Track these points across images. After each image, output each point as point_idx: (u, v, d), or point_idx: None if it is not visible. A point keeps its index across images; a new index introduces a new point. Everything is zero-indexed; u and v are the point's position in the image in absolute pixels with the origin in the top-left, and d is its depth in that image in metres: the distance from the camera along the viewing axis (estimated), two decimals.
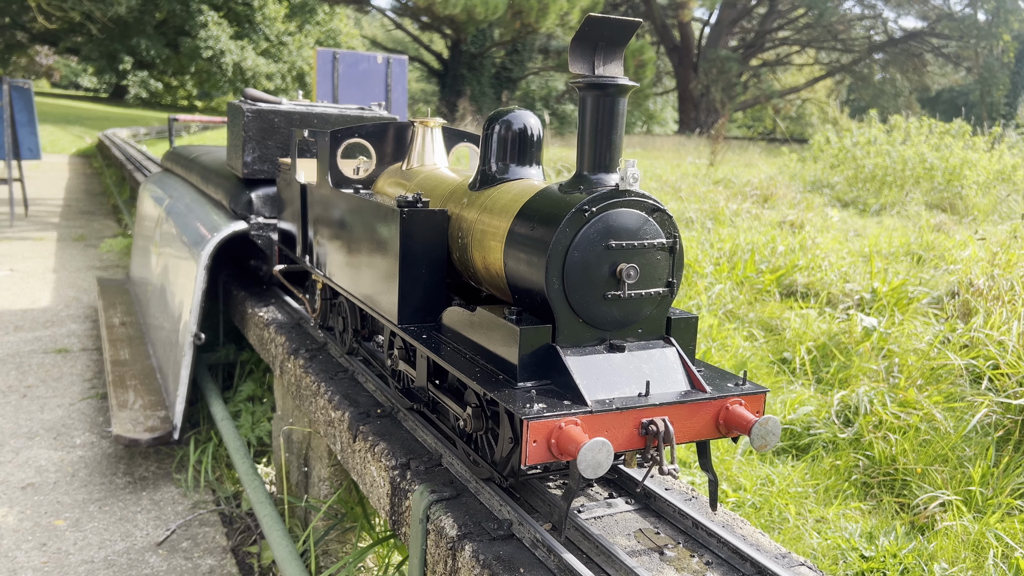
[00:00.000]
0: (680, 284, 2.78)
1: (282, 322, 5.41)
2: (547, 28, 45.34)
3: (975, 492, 5.27)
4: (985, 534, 4.84)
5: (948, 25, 52.54)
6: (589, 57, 2.71)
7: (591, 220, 2.59)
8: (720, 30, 54.26)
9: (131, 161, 18.86)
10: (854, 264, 10.79)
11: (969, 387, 6.34)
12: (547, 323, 2.65)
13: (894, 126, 24.73)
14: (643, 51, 44.94)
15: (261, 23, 60.02)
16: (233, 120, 5.86)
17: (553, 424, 2.38)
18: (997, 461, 5.48)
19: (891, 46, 55.07)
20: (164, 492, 5.72)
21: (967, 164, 21.57)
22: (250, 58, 57.38)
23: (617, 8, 57.11)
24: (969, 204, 19.51)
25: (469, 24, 45.34)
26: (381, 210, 3.34)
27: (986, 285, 8.10)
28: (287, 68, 60.31)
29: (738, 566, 2.62)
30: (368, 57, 17.48)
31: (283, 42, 61.01)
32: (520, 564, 2.59)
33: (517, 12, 43.82)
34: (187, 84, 63.05)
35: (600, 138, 2.69)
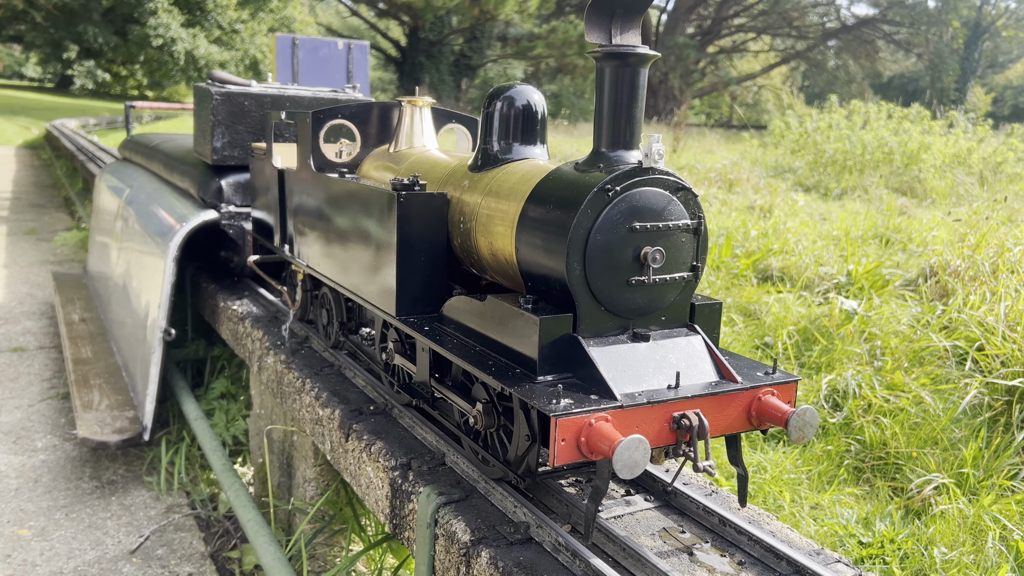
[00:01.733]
0: (704, 268, 2.62)
1: (258, 316, 5.16)
2: (506, 15, 44.99)
3: (968, 474, 5.22)
4: (982, 517, 4.79)
5: (899, 12, 53.35)
6: (606, 26, 2.52)
7: (614, 200, 2.41)
8: (677, 17, 54.44)
9: (83, 152, 18.22)
10: (826, 248, 10.79)
11: (955, 368, 6.32)
12: (567, 312, 2.47)
13: (853, 111, 24.96)
14: None
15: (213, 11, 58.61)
16: (201, 104, 5.57)
17: (583, 421, 2.21)
18: (988, 442, 5.45)
19: (844, 33, 55.75)
20: (135, 496, 5.44)
21: (924, 148, 21.87)
22: (202, 46, 56.00)
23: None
24: (927, 187, 19.76)
25: (427, 11, 44.81)
26: (375, 194, 3.12)
27: (963, 266, 8.11)
28: (240, 56, 59.02)
29: (773, 565, 2.47)
30: (329, 43, 17.07)
31: (236, 30, 59.67)
32: (543, 570, 2.42)
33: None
34: (137, 73, 61.37)
35: (619, 112, 2.52)
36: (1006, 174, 21.02)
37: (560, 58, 45.84)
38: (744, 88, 57.74)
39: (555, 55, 46.35)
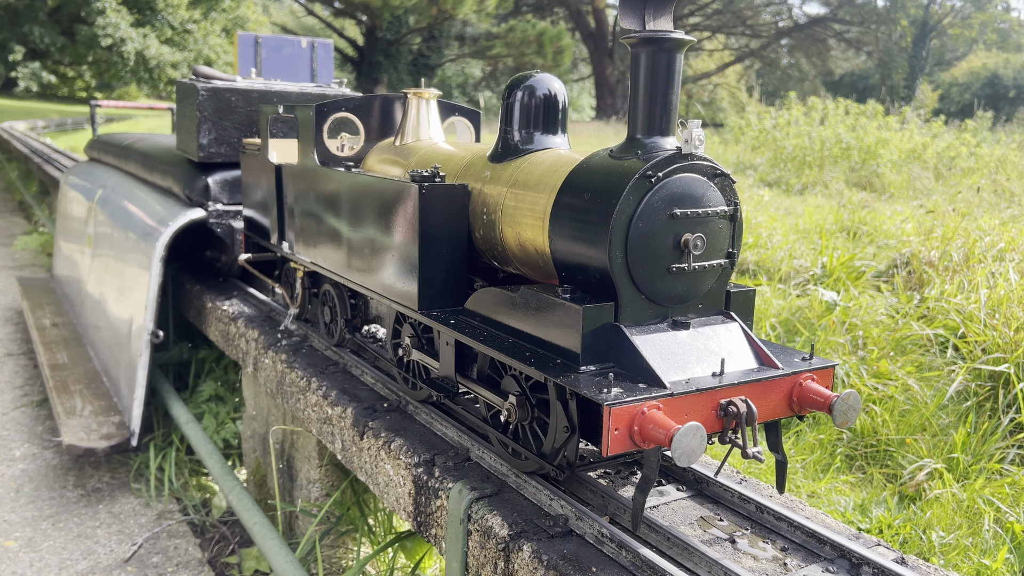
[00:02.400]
0: (739, 255, 2.61)
1: (251, 315, 5.04)
2: (464, 14, 44.88)
3: (959, 459, 5.32)
4: (975, 500, 4.88)
5: (849, 11, 54.42)
6: (639, 12, 2.50)
7: (655, 187, 2.39)
8: None
9: (37, 154, 17.71)
10: (797, 241, 10.93)
11: (938, 356, 6.44)
12: (605, 301, 2.44)
13: (811, 108, 25.37)
14: (560, 37, 45.00)
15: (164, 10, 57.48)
16: (184, 100, 5.43)
17: (636, 410, 2.18)
18: (976, 427, 5.56)
19: (797, 31, 56.67)
20: (123, 504, 5.29)
21: (881, 144, 22.33)
22: (153, 46, 54.89)
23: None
24: (885, 182, 20.16)
25: (384, 10, 44.49)
26: (394, 187, 3.06)
27: (937, 256, 8.28)
28: (193, 57, 58.01)
29: (816, 550, 2.48)
30: (292, 41, 16.84)
31: (188, 30, 58.61)
32: (590, 562, 2.39)
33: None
34: (85, 75, 59.93)
35: (655, 98, 2.50)
36: (960, 168, 21.52)
37: (519, 57, 45.87)
38: (700, 86, 58.39)
39: (514, 54, 46.36)
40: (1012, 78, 58.50)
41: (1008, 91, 56.99)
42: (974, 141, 23.19)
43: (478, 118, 4.19)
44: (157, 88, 57.85)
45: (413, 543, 3.74)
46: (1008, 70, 59.01)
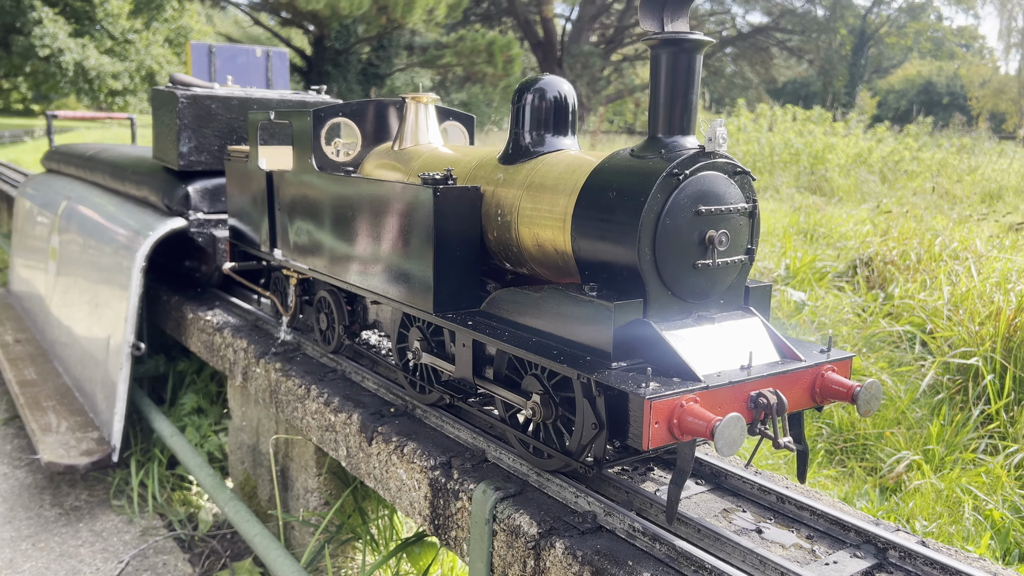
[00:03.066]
0: (757, 251, 2.67)
1: (237, 325, 4.97)
2: (414, 23, 44.75)
3: (935, 450, 5.48)
4: (954, 489, 5.03)
5: (791, 20, 55.74)
6: (658, 14, 2.56)
7: (681, 185, 2.44)
8: (581, 26, 55.35)
9: None
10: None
11: (908, 352, 6.63)
12: (630, 298, 2.48)
13: (759, 114, 25.91)
14: (511, 47, 45.17)
15: (103, 20, 56.27)
16: (162, 108, 5.34)
17: (675, 403, 2.22)
18: (950, 419, 5.74)
19: (740, 40, 57.83)
20: (104, 521, 5.15)
21: (829, 149, 22.91)
22: (93, 57, 53.68)
23: (480, 4, 57.29)
24: (834, 186, 20.68)
25: (333, 19, 44.13)
26: (408, 190, 3.06)
27: (898, 256, 8.53)
28: (135, 67, 56.86)
29: (841, 537, 2.54)
30: (247, 50, 16.64)
31: (129, 40, 57.45)
32: (625, 557, 2.42)
33: (382, 7, 42.97)
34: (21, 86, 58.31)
35: (676, 98, 2.55)
36: (904, 171, 22.17)
37: (469, 66, 45.92)
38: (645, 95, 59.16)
39: (464, 63, 46.39)
40: (945, 85, 60.55)
41: (941, 98, 58.96)
42: (916, 145, 23.94)
43: (472, 122, 4.20)
44: (97, 99, 56.59)
45: (422, 548, 3.72)
46: (941, 77, 61.06)
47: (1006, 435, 5.64)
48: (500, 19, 58.84)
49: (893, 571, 2.37)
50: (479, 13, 57.62)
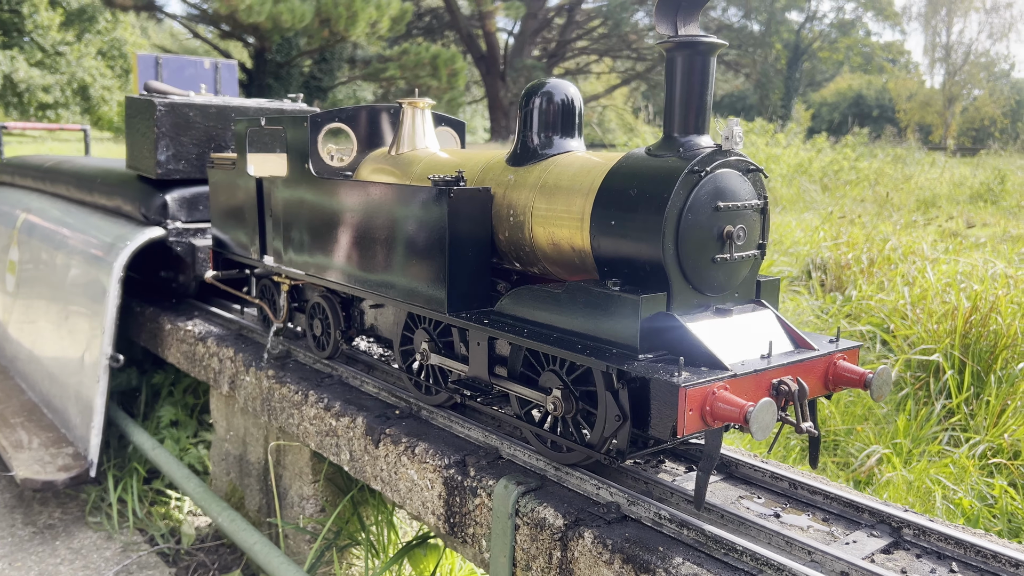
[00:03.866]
0: (767, 246, 2.78)
1: (221, 334, 4.92)
2: (357, 36, 44.56)
3: (902, 444, 5.69)
4: (924, 480, 5.24)
5: (728, 35, 57.10)
6: (672, 18, 2.65)
7: (701, 182, 2.53)
8: (523, 40, 55.82)
9: None
10: None
11: (871, 351, 6.87)
12: (659, 292, 2.56)
13: None
14: (455, 60, 45.29)
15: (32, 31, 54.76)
16: (138, 116, 5.26)
17: (707, 391, 2.30)
18: (916, 414, 5.97)
19: None
20: (82, 538, 5.03)
21: (772, 159, 23.53)
22: (22, 69, 52.18)
23: (422, 18, 57.37)
24: (777, 195, 21.25)
25: (274, 32, 43.65)
26: (420, 193, 3.09)
27: (852, 260, 8.83)
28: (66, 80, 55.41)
29: (855, 518, 2.65)
30: (195, 62, 16.40)
31: (60, 52, 55.99)
32: (655, 543, 2.48)
33: (325, 20, 42.70)
34: None
35: (691, 99, 2.64)
36: (843, 181, 22.89)
37: (413, 80, 45.84)
38: (589, 108, 59.87)
39: (408, 77, 46.31)
40: (874, 98, 62.74)
41: (872, 110, 61.06)
42: (854, 155, 24.74)
43: (463, 128, 4.26)
44: (27, 113, 54.93)
45: (427, 551, 3.73)
46: (871, 91, 63.26)
47: (967, 427, 5.89)
48: (442, 33, 59.02)
49: (909, 547, 2.49)
50: (421, 27, 57.70)
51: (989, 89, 58.48)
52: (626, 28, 56.57)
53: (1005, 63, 60.44)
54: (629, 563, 2.44)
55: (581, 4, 54.60)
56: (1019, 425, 5.53)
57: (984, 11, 58.70)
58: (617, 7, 53.16)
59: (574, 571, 2.62)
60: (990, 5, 58.45)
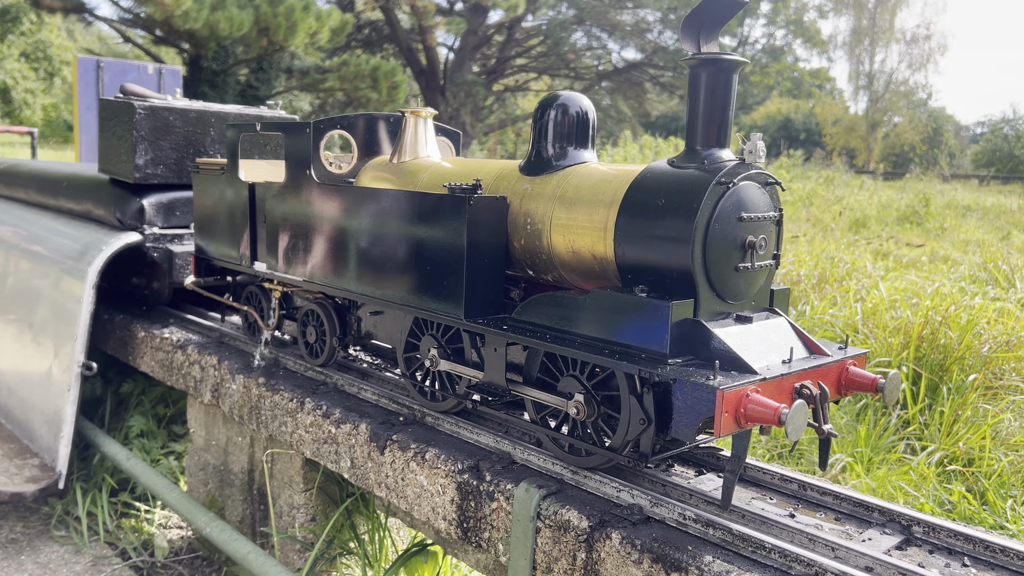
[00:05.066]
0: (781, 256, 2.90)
1: (202, 342, 4.83)
2: (296, 47, 44.00)
3: (864, 452, 5.92)
4: (886, 487, 5.46)
5: (663, 57, 58.33)
6: (695, 36, 2.76)
7: (727, 193, 2.64)
8: (464, 56, 56.02)
9: None
10: None
11: None
12: (684, 299, 2.64)
13: (644, 145, 27.03)
14: (395, 73, 45.09)
15: None
16: (114, 119, 5.14)
17: (741, 393, 2.39)
18: (874, 423, 6.21)
19: (616, 75, 60.02)
20: (48, 552, 4.85)
21: None
22: None
23: (362, 30, 57.08)
24: None
25: (211, 40, 42.78)
26: (438, 200, 3.13)
27: (802, 277, 9.14)
28: None
29: (865, 517, 2.77)
30: (138, 67, 16.01)
31: None
32: (683, 543, 2.55)
33: (264, 29, 42.03)
34: None
35: (714, 114, 2.75)
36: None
37: (353, 91, 45.45)
38: (528, 125, 60.37)
39: (347, 88, 45.89)
40: (802, 122, 64.90)
41: (799, 133, 63.14)
42: (788, 176, 25.53)
43: (458, 138, 4.30)
44: None
45: (427, 558, 3.73)
46: (799, 115, 65.43)
47: (922, 436, 6.15)
48: (381, 46, 58.82)
49: (921, 544, 2.62)
50: (361, 39, 57.37)
51: (908, 116, 61.11)
52: (565, 47, 57.32)
53: (923, 92, 63.24)
54: (659, 562, 2.51)
55: (521, 22, 55.14)
56: (972, 434, 5.80)
57: (904, 42, 61.38)
58: (556, 27, 53.89)
59: (600, 572, 2.67)
60: (910, 37, 61.17)
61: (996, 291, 9.42)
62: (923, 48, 61.03)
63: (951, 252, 14.26)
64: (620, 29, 57.16)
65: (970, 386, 6.27)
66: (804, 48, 67.73)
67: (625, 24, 57.00)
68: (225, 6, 41.04)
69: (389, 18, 53.15)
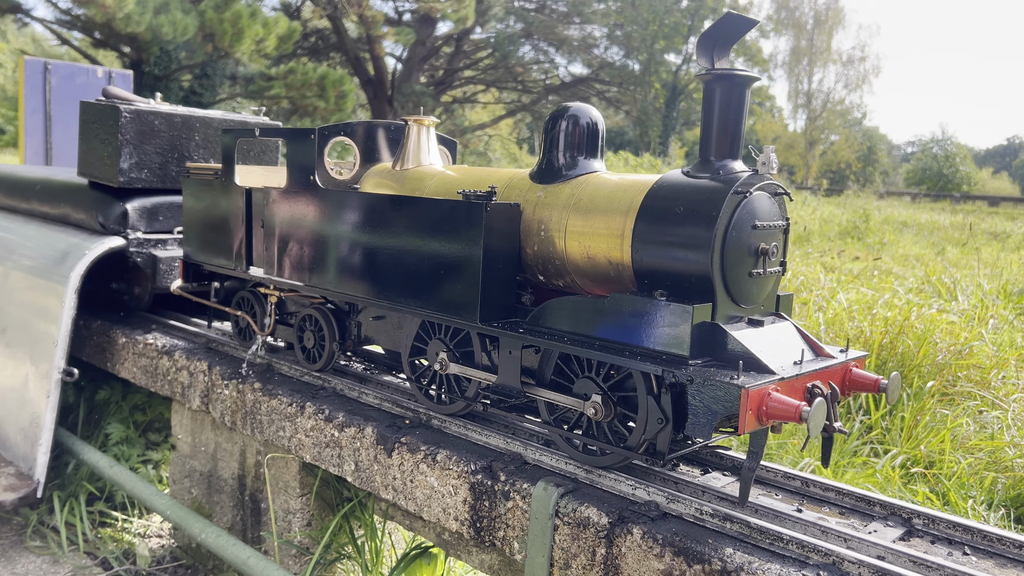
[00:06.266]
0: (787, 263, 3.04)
1: (189, 347, 4.79)
2: (242, 53, 43.46)
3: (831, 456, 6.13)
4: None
5: (609, 72, 59.21)
6: (709, 52, 2.90)
7: (744, 202, 2.77)
8: (411, 67, 56.01)
9: None
10: None
11: None
12: (701, 303, 2.76)
13: None
14: (343, 82, 44.87)
15: None
16: (98, 122, 5.07)
17: (764, 392, 2.51)
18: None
19: (563, 89, 60.63)
20: (24, 563, 4.75)
21: None
22: None
23: (308, 39, 56.65)
24: None
25: (153, 44, 41.99)
26: (454, 206, 3.19)
27: None
28: None
29: (867, 511, 2.92)
30: (87, 70, 15.65)
31: None
32: (703, 536, 2.66)
33: (209, 35, 41.45)
34: None
35: (727, 126, 2.89)
36: None
37: (299, 99, 45.07)
38: (476, 137, 60.58)
39: (294, 96, 45.50)
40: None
41: None
42: None
43: (455, 147, 4.38)
44: None
45: (431, 561, 3.77)
46: None
47: (884, 440, 6.41)
48: (328, 54, 58.48)
49: (923, 535, 2.77)
50: (307, 47, 56.93)
51: (845, 135, 63.09)
52: (513, 61, 57.73)
53: (858, 112, 65.43)
54: (681, 555, 2.61)
55: (470, 35, 55.39)
56: (932, 437, 6.07)
57: (841, 63, 63.45)
58: (504, 40, 54.27)
59: (620, 566, 2.76)
60: (846, 58, 63.27)
61: (940, 303, 9.85)
62: (859, 69, 63.19)
63: (892, 266, 14.82)
64: (567, 44, 57.84)
65: (928, 392, 6.55)
66: (746, 67, 69.46)
67: (572, 39, 57.70)
68: (169, 10, 40.46)
69: (336, 27, 52.88)
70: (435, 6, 46.26)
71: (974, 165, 66.53)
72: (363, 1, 47.63)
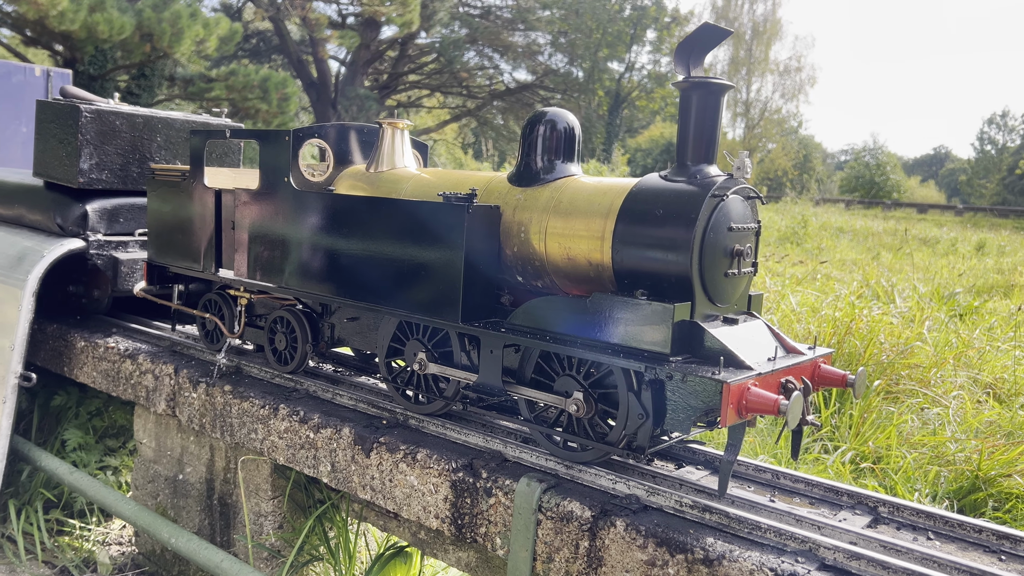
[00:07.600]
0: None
1: (152, 351, 4.72)
2: (182, 54, 42.57)
3: (782, 453, 6.33)
4: None
5: (553, 80, 59.68)
6: (685, 60, 3.01)
7: (720, 204, 2.88)
8: (356, 70, 55.59)
9: None
10: None
11: None
12: (683, 302, 2.86)
13: None
14: (286, 84, 44.30)
15: None
16: (56, 122, 4.97)
17: (744, 387, 2.62)
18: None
19: (508, 95, 60.92)
20: None
21: None
22: None
23: (249, 40, 55.81)
24: None
25: (88, 43, 40.87)
26: (435, 208, 3.24)
27: None
28: None
29: (836, 501, 3.06)
30: (24, 68, 15.20)
31: None
32: (684, 527, 2.76)
33: (147, 35, 40.51)
34: None
35: (703, 132, 3.00)
36: None
37: (241, 101, 44.32)
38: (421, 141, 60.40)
39: (235, 98, 44.74)
40: None
41: None
42: None
43: (426, 150, 4.42)
44: None
45: (407, 560, 3.80)
46: None
47: (833, 437, 6.64)
48: (270, 56, 57.73)
49: (889, 522, 2.92)
50: (248, 49, 56.11)
51: (781, 143, 64.69)
52: (458, 66, 57.76)
53: (794, 120, 67.18)
54: (663, 545, 2.70)
55: (414, 39, 55.24)
56: (879, 434, 6.31)
57: (778, 73, 65.08)
58: (449, 45, 54.29)
59: (604, 558, 2.84)
60: (783, 69, 64.91)
61: (879, 305, 10.23)
62: (795, 80, 64.89)
63: (832, 271, 15.29)
64: (512, 50, 58.14)
65: (874, 391, 6.81)
66: None
67: (517, 46, 58.03)
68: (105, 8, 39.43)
69: (279, 29, 52.21)
70: (380, 10, 45.99)
71: (903, 173, 68.93)
72: (306, 4, 47.11)
